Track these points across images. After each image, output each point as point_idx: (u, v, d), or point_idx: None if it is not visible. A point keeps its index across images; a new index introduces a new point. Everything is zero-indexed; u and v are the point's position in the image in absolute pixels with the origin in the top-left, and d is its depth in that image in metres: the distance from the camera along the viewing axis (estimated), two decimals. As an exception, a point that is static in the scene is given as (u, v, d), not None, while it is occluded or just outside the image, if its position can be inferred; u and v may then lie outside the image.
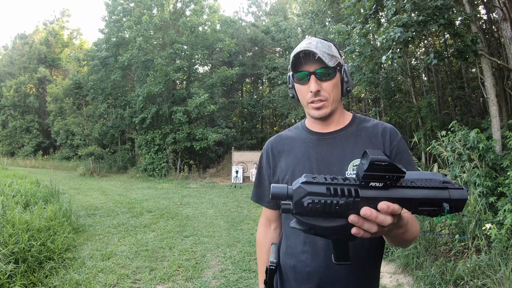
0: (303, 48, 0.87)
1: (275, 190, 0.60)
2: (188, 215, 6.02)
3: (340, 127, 0.97)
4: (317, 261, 0.90)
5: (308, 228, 0.61)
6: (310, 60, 0.88)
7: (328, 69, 0.88)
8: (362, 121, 0.99)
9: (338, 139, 0.95)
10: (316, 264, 0.90)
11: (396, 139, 0.94)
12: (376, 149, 0.61)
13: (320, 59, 0.86)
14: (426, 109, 7.08)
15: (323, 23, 10.89)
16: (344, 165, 0.91)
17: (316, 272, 0.91)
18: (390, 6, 4.61)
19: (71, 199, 6.23)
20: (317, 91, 0.89)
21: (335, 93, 0.92)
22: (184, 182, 11.48)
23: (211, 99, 12.88)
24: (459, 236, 3.13)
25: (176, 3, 14.48)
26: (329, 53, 0.89)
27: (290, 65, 0.94)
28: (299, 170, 0.94)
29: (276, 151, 1.03)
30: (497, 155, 3.91)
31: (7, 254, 2.91)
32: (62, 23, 25.04)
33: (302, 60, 0.89)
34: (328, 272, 0.89)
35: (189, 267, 3.41)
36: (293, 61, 0.90)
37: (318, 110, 0.92)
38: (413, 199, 0.60)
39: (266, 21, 17.48)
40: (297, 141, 1.01)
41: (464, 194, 0.61)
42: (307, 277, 0.92)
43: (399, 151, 0.93)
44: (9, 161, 17.62)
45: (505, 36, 4.58)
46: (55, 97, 19.36)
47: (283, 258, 1.00)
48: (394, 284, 3.00)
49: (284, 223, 1.02)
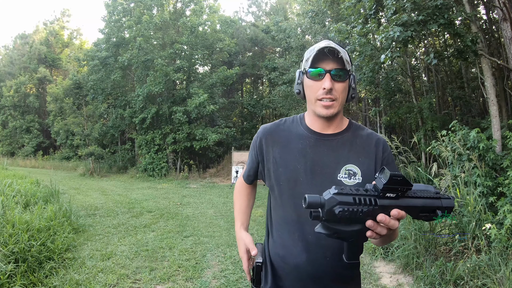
0: (329, 45, 0.91)
1: (311, 200, 0.69)
2: (188, 215, 6.03)
3: (338, 130, 1.02)
4: (306, 254, 0.96)
5: (333, 232, 0.72)
6: (329, 58, 0.92)
7: (343, 71, 0.93)
8: (357, 128, 1.05)
9: (335, 142, 1.00)
10: (305, 257, 0.96)
11: (387, 151, 1.02)
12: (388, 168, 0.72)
13: (341, 59, 0.92)
14: (427, 109, 7.07)
15: (323, 23, 10.89)
16: (337, 168, 0.96)
17: (304, 265, 0.96)
18: (389, 5, 4.61)
19: (71, 199, 6.23)
20: (330, 89, 0.92)
21: (344, 96, 0.97)
22: (184, 182, 11.48)
23: (211, 99, 12.88)
24: (459, 236, 3.13)
25: (176, 3, 14.48)
26: (346, 58, 0.94)
27: (307, 60, 0.97)
28: (294, 166, 0.99)
29: (271, 140, 1.05)
30: (497, 155, 3.91)
31: (7, 254, 2.91)
32: (62, 23, 25.03)
33: (322, 56, 0.92)
34: (316, 266, 0.95)
35: (189, 267, 3.41)
36: (315, 56, 0.93)
37: (326, 109, 0.95)
38: (417, 207, 0.74)
39: (266, 21, 17.47)
40: (294, 135, 1.03)
41: (452, 202, 0.77)
42: (295, 268, 0.97)
43: (388, 162, 1.01)
44: (9, 161, 17.61)
45: (505, 36, 4.58)
46: (55, 97, 19.35)
47: (272, 249, 1.04)
48: (394, 284, 3.00)
49: (276, 216, 1.04)
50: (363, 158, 0.98)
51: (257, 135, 1.10)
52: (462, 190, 3.38)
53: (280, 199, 1.01)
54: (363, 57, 6.75)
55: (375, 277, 3.16)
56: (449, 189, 3.66)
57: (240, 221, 1.15)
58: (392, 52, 4.64)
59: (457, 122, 4.20)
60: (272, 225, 1.07)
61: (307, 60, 0.96)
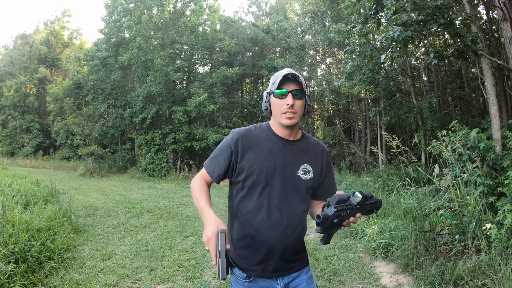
0: (290, 72, 1.20)
1: (325, 215, 1.08)
2: (188, 215, 6.02)
3: (297, 138, 1.33)
4: (273, 232, 1.24)
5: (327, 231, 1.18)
6: (291, 82, 1.22)
7: (301, 91, 1.23)
8: (308, 137, 1.37)
9: (296, 146, 1.32)
10: (272, 235, 1.24)
11: (328, 158, 1.39)
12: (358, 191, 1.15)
13: (300, 83, 1.22)
14: (427, 109, 7.07)
15: (323, 23, 10.88)
16: (297, 166, 1.29)
17: (271, 240, 1.24)
18: (389, 5, 4.60)
19: (71, 199, 6.23)
20: (292, 104, 1.20)
21: (302, 110, 1.25)
22: (184, 182, 11.48)
23: (211, 99, 12.88)
24: (459, 236, 3.13)
25: (176, 3, 14.48)
26: (303, 82, 1.23)
27: (273, 83, 1.24)
28: (265, 164, 1.25)
29: (246, 143, 1.28)
30: (497, 155, 3.91)
31: (7, 254, 2.91)
32: (62, 23, 25.03)
33: (286, 80, 1.22)
34: (280, 241, 1.24)
35: (189, 267, 3.41)
36: (281, 80, 1.21)
37: (289, 120, 1.23)
38: (368, 209, 1.22)
39: (266, 21, 17.47)
40: (264, 139, 1.30)
41: (380, 204, 1.26)
42: (263, 244, 1.24)
43: (329, 167, 1.38)
44: (9, 161, 17.63)
45: (505, 36, 4.58)
46: (55, 97, 19.35)
47: (240, 230, 1.29)
48: (394, 284, 3.00)
49: (247, 205, 1.27)
50: (314, 160, 1.33)
51: (232, 136, 1.29)
52: (463, 190, 3.38)
53: (254, 190, 1.25)
54: (363, 57, 6.75)
55: (375, 277, 3.16)
56: (449, 189, 3.66)
57: (209, 205, 1.24)
58: (392, 52, 4.64)
59: (457, 122, 4.20)
60: (238, 212, 1.29)
61: (274, 84, 1.23)
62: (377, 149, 5.10)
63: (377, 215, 4.39)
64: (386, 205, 4.77)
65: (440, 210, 3.46)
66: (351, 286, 2.99)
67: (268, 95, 1.28)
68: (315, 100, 13.22)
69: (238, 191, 1.29)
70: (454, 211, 3.32)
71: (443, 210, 3.46)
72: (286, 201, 1.25)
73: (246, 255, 1.28)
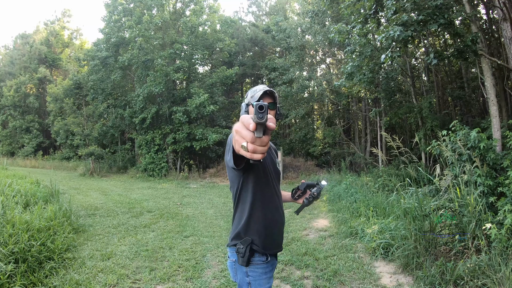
0: (268, 89, 1.59)
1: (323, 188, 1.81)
2: (188, 215, 6.02)
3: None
4: (279, 214, 1.65)
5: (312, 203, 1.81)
6: (268, 96, 1.59)
7: (274, 104, 1.61)
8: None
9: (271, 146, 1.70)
10: (279, 215, 1.64)
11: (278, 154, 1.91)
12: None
13: (275, 98, 1.60)
14: (427, 109, 7.07)
15: (323, 23, 10.89)
16: (275, 160, 1.71)
17: (278, 219, 1.63)
18: (389, 5, 4.61)
19: (71, 199, 6.23)
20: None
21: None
22: (184, 182, 11.48)
23: (211, 99, 12.87)
24: (459, 236, 3.13)
25: (176, 3, 14.47)
26: (276, 96, 1.61)
27: (252, 97, 1.59)
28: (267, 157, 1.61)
29: None
30: (497, 155, 3.91)
31: (7, 254, 2.91)
32: (63, 23, 25.03)
33: (264, 95, 1.58)
34: (282, 220, 1.66)
35: (189, 267, 3.41)
36: (262, 94, 1.57)
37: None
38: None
39: (266, 21, 17.48)
40: None
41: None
42: (275, 222, 1.62)
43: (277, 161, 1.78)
44: (9, 161, 17.62)
45: (505, 36, 4.58)
46: (55, 97, 19.36)
47: (265, 212, 1.58)
48: (394, 284, 3.00)
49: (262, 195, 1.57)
50: (275, 155, 1.78)
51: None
52: (463, 190, 3.38)
53: (268, 178, 1.59)
54: (363, 57, 6.75)
55: (375, 277, 3.15)
56: (449, 189, 3.66)
57: None
58: (392, 52, 4.64)
59: (458, 122, 4.20)
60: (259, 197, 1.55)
61: (253, 97, 1.58)
62: (377, 149, 5.10)
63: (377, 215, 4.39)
64: (386, 205, 4.78)
65: (440, 210, 3.45)
66: (351, 286, 2.99)
67: (247, 106, 1.61)
68: (315, 100, 13.23)
69: (258, 179, 1.55)
70: (454, 211, 3.32)
71: (443, 210, 3.46)
72: (277, 187, 1.65)
73: (267, 234, 1.57)
